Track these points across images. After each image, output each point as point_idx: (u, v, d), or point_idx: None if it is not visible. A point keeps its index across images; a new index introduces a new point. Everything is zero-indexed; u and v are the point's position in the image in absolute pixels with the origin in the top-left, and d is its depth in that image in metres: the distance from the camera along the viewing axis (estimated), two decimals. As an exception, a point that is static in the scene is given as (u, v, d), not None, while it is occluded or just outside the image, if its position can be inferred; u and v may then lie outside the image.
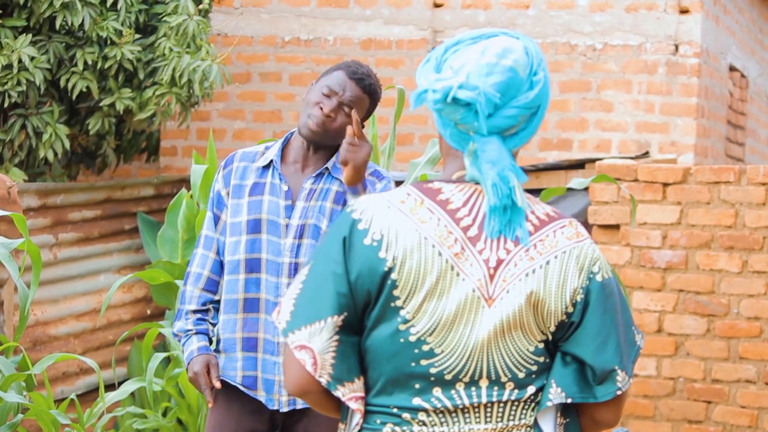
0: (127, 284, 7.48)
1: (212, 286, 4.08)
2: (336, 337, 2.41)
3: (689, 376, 6.45)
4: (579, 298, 2.45)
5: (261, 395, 4.01)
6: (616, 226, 6.59)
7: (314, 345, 2.40)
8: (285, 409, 3.99)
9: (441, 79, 2.42)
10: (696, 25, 8.40)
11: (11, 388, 5.00)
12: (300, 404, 3.98)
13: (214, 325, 4.08)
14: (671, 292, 6.48)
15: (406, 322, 2.40)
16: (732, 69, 9.81)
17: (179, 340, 4.07)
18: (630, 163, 6.61)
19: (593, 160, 7.02)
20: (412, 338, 2.41)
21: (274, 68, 9.07)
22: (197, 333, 4.04)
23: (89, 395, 7.05)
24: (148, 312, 7.71)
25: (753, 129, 10.81)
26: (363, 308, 2.43)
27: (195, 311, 4.05)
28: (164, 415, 6.27)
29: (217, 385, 3.96)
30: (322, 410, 2.50)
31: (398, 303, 2.40)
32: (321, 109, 3.90)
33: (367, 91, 3.93)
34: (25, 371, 5.08)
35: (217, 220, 4.09)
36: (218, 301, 4.08)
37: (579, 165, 7.13)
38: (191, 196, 6.78)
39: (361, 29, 8.97)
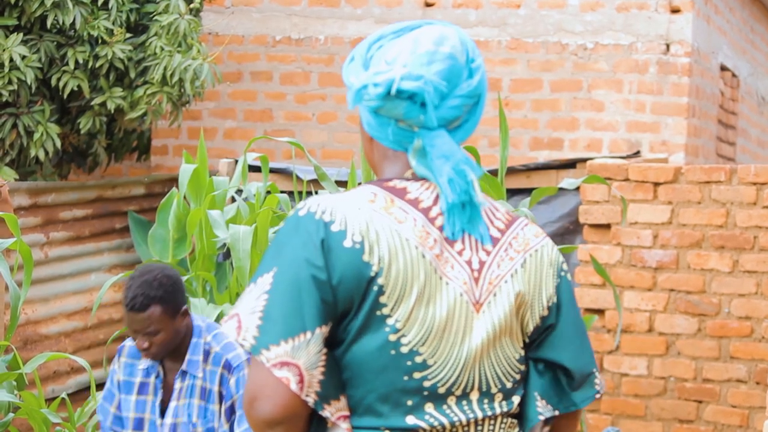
0: (117, 283, 7.45)
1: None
2: (325, 350, 2.14)
3: (680, 376, 6.45)
4: (555, 299, 2.32)
5: None
6: (607, 226, 6.59)
7: (300, 360, 2.10)
8: None
9: (380, 73, 2.21)
10: (687, 25, 8.41)
11: (2, 387, 4.99)
12: None
13: None
14: (662, 291, 6.48)
15: (396, 331, 2.16)
16: (723, 68, 9.82)
17: None
18: (621, 163, 6.62)
19: (584, 160, 7.03)
20: (404, 349, 2.17)
21: (265, 67, 9.07)
22: None
23: (80, 394, 7.04)
24: (139, 311, 7.69)
25: (744, 128, 10.83)
26: (340, 318, 2.17)
27: None
28: (155, 414, 6.27)
29: None
30: None
31: (385, 311, 2.16)
32: (137, 347, 4.03)
33: (154, 306, 3.96)
34: (15, 370, 5.07)
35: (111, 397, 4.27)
36: None
37: (570, 164, 7.13)
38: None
39: (352, 28, 8.96)
